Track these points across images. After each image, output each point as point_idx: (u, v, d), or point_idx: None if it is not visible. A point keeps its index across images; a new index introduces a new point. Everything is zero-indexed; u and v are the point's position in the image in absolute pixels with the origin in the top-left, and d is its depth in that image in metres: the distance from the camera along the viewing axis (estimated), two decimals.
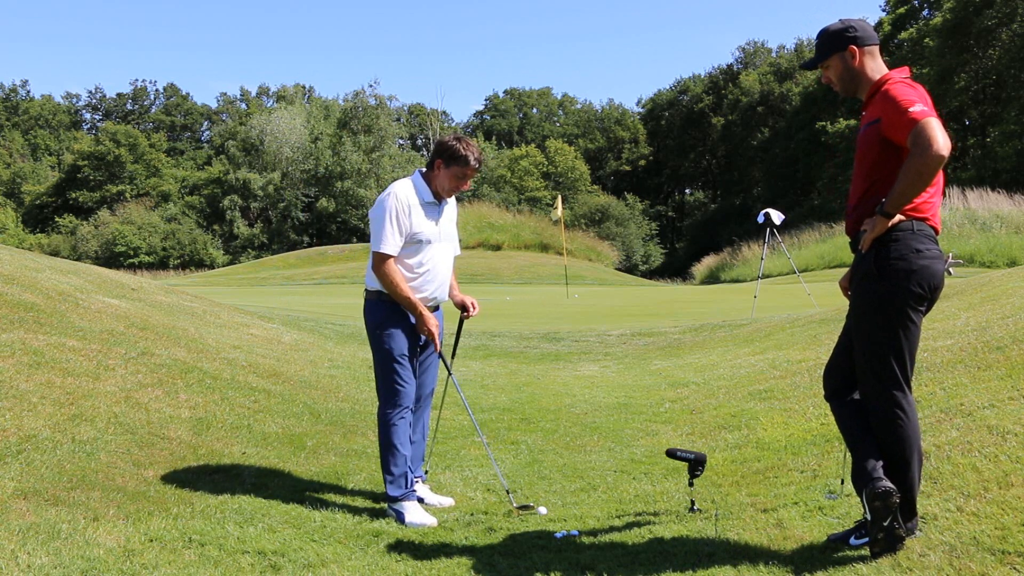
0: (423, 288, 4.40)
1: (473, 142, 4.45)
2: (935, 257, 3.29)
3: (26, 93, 76.15)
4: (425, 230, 4.35)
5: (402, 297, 4.29)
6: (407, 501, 4.30)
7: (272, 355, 8.13)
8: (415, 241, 4.32)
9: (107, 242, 54.03)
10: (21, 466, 4.17)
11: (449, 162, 4.35)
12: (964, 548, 3.20)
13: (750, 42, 68.23)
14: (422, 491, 4.57)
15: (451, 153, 4.34)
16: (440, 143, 4.41)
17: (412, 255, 4.35)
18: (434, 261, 4.43)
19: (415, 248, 4.34)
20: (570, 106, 79.58)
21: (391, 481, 4.32)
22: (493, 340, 11.43)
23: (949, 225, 26.53)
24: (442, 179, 4.38)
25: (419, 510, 4.28)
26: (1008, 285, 8.28)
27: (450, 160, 4.35)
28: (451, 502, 4.55)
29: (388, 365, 4.37)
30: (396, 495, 4.30)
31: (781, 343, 8.75)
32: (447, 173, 4.37)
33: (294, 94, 68.46)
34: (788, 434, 5.27)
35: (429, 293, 4.43)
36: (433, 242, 4.40)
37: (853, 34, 3.41)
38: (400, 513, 4.24)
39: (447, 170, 4.36)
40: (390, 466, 4.32)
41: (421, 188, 4.40)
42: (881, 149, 3.31)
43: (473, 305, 4.67)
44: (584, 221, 49.16)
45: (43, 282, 7.76)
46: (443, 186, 4.40)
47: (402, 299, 4.29)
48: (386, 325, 4.36)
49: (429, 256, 4.40)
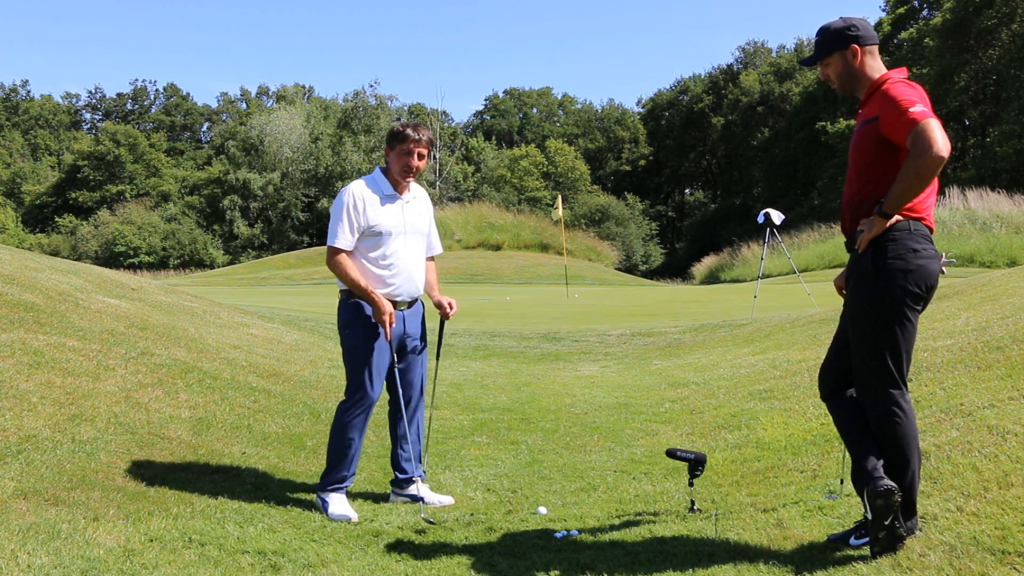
0: (390, 281, 4.39)
1: (419, 123, 4.51)
2: (931, 257, 3.30)
3: (26, 93, 76.21)
4: (383, 222, 4.36)
5: (355, 285, 4.32)
6: (335, 493, 4.34)
7: (272, 355, 8.13)
8: (375, 233, 4.35)
9: (107, 242, 54.02)
10: (21, 466, 4.17)
11: (392, 142, 4.42)
12: (964, 548, 3.20)
13: (750, 42, 68.28)
14: (422, 490, 4.57)
15: (391, 135, 4.43)
16: (387, 133, 4.50)
17: (374, 248, 4.37)
18: (399, 254, 4.42)
19: (376, 240, 4.36)
20: (570, 106, 79.57)
21: (328, 471, 4.39)
22: (493, 340, 11.43)
23: (949, 225, 26.52)
24: (393, 164, 4.44)
25: (343, 503, 4.32)
26: (1008, 285, 8.28)
27: (391, 140, 4.42)
28: (451, 501, 4.56)
29: (354, 365, 4.39)
30: (327, 485, 4.35)
31: (781, 343, 8.75)
32: (394, 156, 4.42)
33: (294, 94, 68.42)
34: (788, 434, 5.27)
35: (396, 287, 4.41)
36: (396, 234, 4.40)
37: (855, 33, 3.40)
38: (325, 503, 4.29)
39: (393, 152, 4.42)
40: (332, 458, 4.38)
41: (380, 182, 4.45)
42: (877, 148, 3.31)
43: (451, 305, 4.65)
44: (584, 221, 49.13)
45: (43, 282, 7.76)
46: (395, 170, 4.43)
47: (355, 287, 4.33)
48: (354, 325, 4.37)
49: (393, 249, 4.40)
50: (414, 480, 4.59)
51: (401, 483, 4.60)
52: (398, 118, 61.45)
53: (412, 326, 4.55)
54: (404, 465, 4.59)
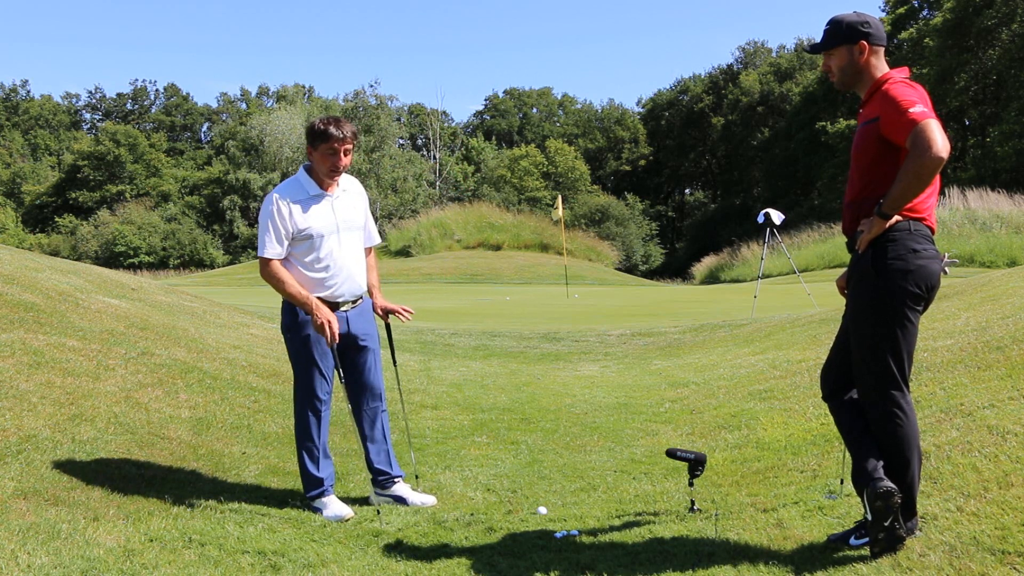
0: (329, 284, 4.30)
1: (341, 118, 4.33)
2: (932, 257, 3.30)
3: (26, 93, 76.19)
4: (314, 224, 4.25)
5: (291, 295, 4.20)
6: (322, 498, 4.32)
7: (272, 355, 8.13)
8: (306, 237, 4.23)
9: (107, 242, 54.02)
10: (21, 466, 4.17)
11: (315, 141, 4.26)
12: (964, 548, 3.20)
13: (750, 42, 68.23)
14: (403, 490, 4.53)
15: (313, 133, 4.26)
16: (306, 129, 4.33)
17: (308, 252, 4.26)
18: (335, 254, 4.31)
19: (308, 244, 4.25)
20: (570, 106, 79.54)
21: (304, 483, 4.37)
22: (493, 340, 11.43)
23: (949, 225, 26.51)
24: (318, 164, 4.30)
25: (335, 503, 4.31)
26: (1008, 285, 8.28)
27: (315, 139, 4.25)
28: (433, 501, 4.50)
29: (298, 368, 4.34)
30: (310, 495, 4.33)
31: (781, 343, 8.75)
32: (318, 156, 4.27)
33: (294, 94, 68.34)
34: (788, 434, 5.27)
35: (336, 289, 4.32)
36: (328, 234, 4.29)
37: (867, 30, 3.39)
38: (318, 510, 4.28)
39: (317, 152, 4.27)
40: (301, 463, 4.36)
41: (304, 183, 4.32)
42: (878, 148, 3.30)
43: (405, 311, 4.56)
44: (584, 221, 49.11)
45: (43, 282, 7.76)
46: (322, 170, 4.30)
47: (292, 297, 4.21)
48: (295, 328, 4.30)
49: (327, 250, 4.28)
50: (395, 480, 4.55)
51: (382, 483, 4.55)
52: (398, 118, 61.49)
53: (358, 325, 4.41)
54: (377, 466, 4.53)
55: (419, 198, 51.20)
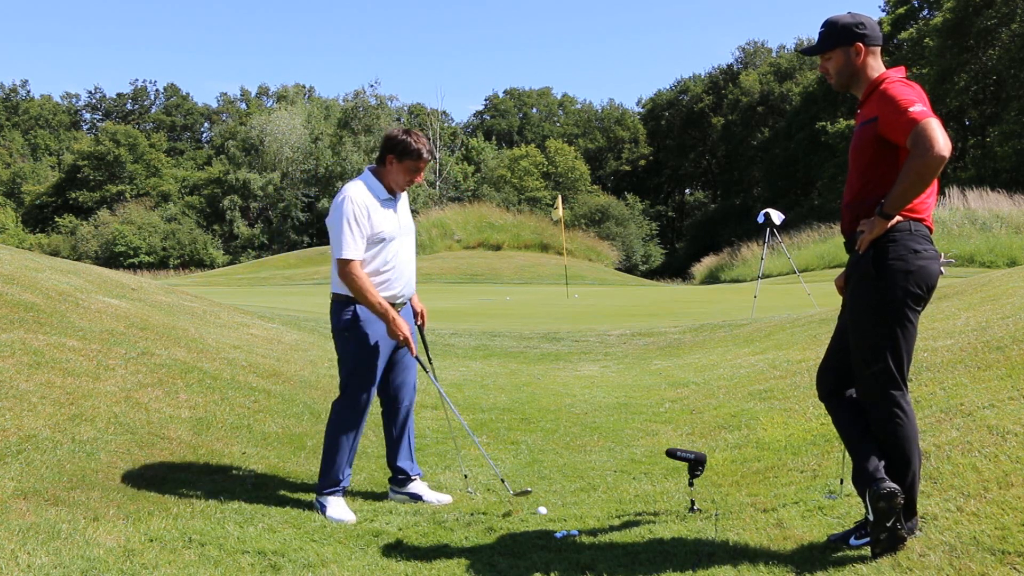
0: (391, 286, 4.35)
1: (422, 135, 4.42)
2: (932, 257, 3.29)
3: (26, 93, 76.23)
4: (385, 228, 4.30)
5: (371, 303, 4.21)
6: (332, 496, 4.32)
7: (272, 355, 8.13)
8: (378, 240, 4.27)
9: (107, 242, 54.03)
10: (21, 466, 4.17)
11: (402, 157, 4.31)
12: (964, 548, 3.20)
13: (750, 42, 68.28)
14: (419, 488, 4.58)
15: (403, 148, 4.30)
16: (390, 138, 4.36)
17: (376, 255, 4.30)
18: (399, 258, 4.39)
19: (379, 248, 4.29)
20: (570, 106, 79.55)
21: (323, 473, 4.36)
22: (493, 340, 11.43)
23: (949, 225, 26.49)
24: (395, 174, 4.35)
25: (342, 506, 4.30)
26: (1008, 285, 8.28)
27: (403, 155, 4.30)
28: (449, 499, 4.56)
29: (353, 369, 4.35)
30: (324, 488, 4.33)
31: (781, 343, 8.75)
32: (400, 168, 4.33)
33: (294, 94, 68.41)
34: (788, 434, 5.27)
35: (398, 291, 4.39)
36: (395, 238, 4.35)
37: (862, 31, 3.37)
38: (323, 506, 4.27)
39: (400, 164, 4.32)
40: (328, 459, 4.35)
41: (375, 186, 4.35)
42: (877, 148, 3.30)
43: (423, 315, 4.64)
44: (584, 221, 49.12)
45: (43, 282, 7.76)
46: (397, 181, 4.36)
47: (371, 305, 4.22)
48: (354, 329, 4.31)
49: (393, 253, 4.35)
50: (413, 479, 4.60)
51: (400, 481, 4.61)
52: (398, 118, 61.49)
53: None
54: (398, 464, 4.59)
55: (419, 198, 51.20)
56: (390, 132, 4.42)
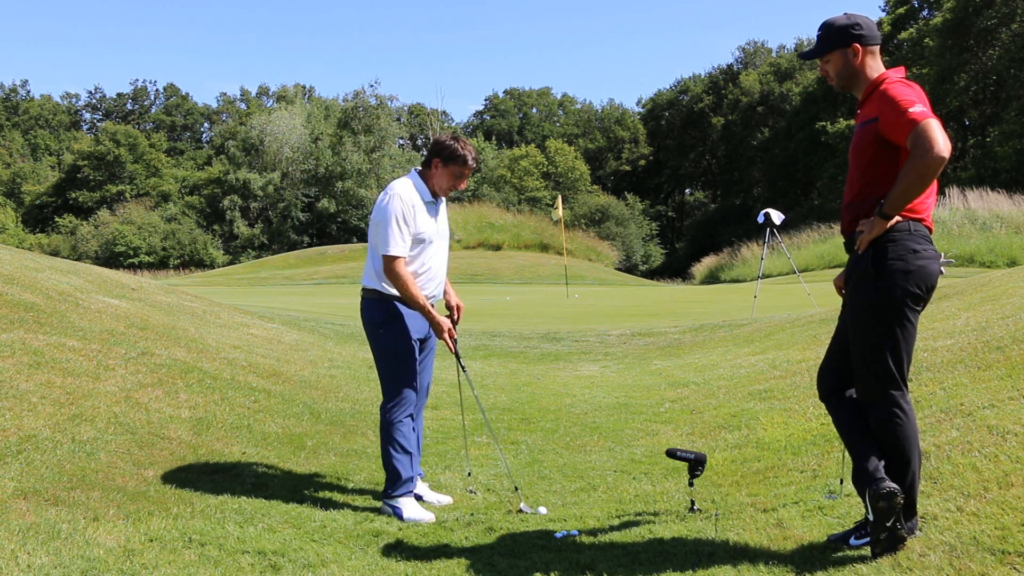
0: (426, 287, 4.39)
1: (469, 141, 4.49)
2: (931, 257, 3.30)
3: (26, 93, 76.18)
4: (427, 229, 4.36)
5: (414, 301, 4.26)
6: (404, 498, 4.31)
7: (272, 355, 8.13)
8: (419, 241, 4.33)
9: (107, 242, 54.01)
10: (21, 466, 4.17)
11: (448, 161, 4.37)
12: (964, 548, 3.20)
13: (750, 42, 68.28)
14: (420, 488, 4.58)
15: (450, 153, 4.35)
16: (438, 142, 4.41)
17: (416, 256, 4.35)
18: (435, 259, 4.45)
19: (419, 248, 4.34)
20: (570, 106, 79.56)
21: (391, 479, 4.34)
22: (493, 340, 11.43)
23: (949, 225, 26.49)
24: (440, 178, 4.40)
25: (416, 506, 4.31)
26: (1008, 285, 8.28)
27: (449, 160, 4.36)
28: (449, 500, 4.57)
29: (393, 364, 4.37)
30: (394, 492, 4.32)
31: (781, 343, 8.75)
32: (445, 172, 4.38)
33: (294, 94, 68.37)
34: (788, 434, 5.27)
35: (431, 291, 4.44)
36: (434, 241, 4.42)
37: (858, 32, 3.37)
38: (397, 509, 4.26)
39: (445, 169, 4.38)
40: (393, 464, 4.33)
41: (421, 187, 4.40)
42: (877, 148, 3.30)
43: (459, 308, 4.66)
44: (584, 221, 49.14)
45: (43, 282, 7.76)
46: (441, 185, 4.42)
47: (414, 303, 4.27)
48: (389, 324, 4.35)
49: (431, 255, 4.41)
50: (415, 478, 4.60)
51: None
52: (398, 118, 61.51)
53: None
54: None
55: None
56: (438, 137, 4.46)
